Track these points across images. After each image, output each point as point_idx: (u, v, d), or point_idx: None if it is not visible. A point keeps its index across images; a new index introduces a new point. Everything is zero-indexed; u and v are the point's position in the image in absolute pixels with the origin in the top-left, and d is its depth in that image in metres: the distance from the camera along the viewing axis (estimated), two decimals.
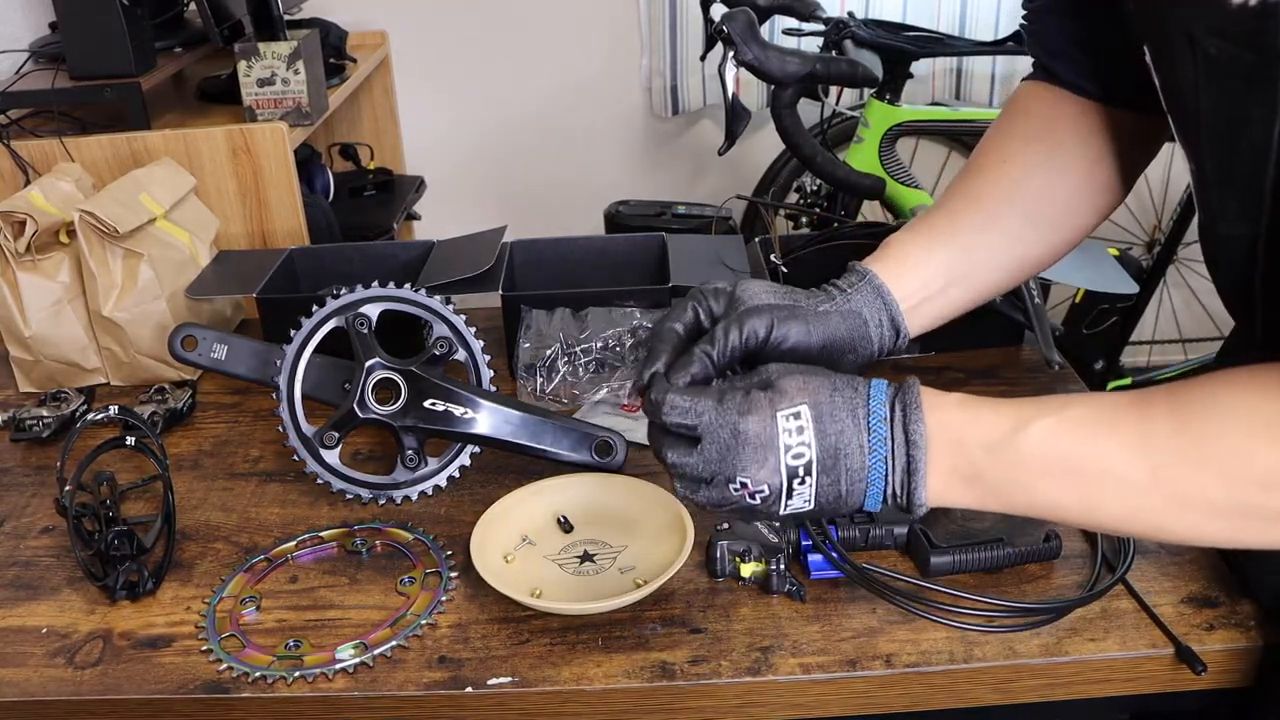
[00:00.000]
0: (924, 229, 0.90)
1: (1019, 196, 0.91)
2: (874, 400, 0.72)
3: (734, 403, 0.73)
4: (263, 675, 0.88)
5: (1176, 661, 0.87)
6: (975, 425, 0.71)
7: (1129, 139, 0.91)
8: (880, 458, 0.71)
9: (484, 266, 1.32)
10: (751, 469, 0.72)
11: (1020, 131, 0.94)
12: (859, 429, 0.71)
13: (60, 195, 1.38)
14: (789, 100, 1.78)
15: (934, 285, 0.89)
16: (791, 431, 0.71)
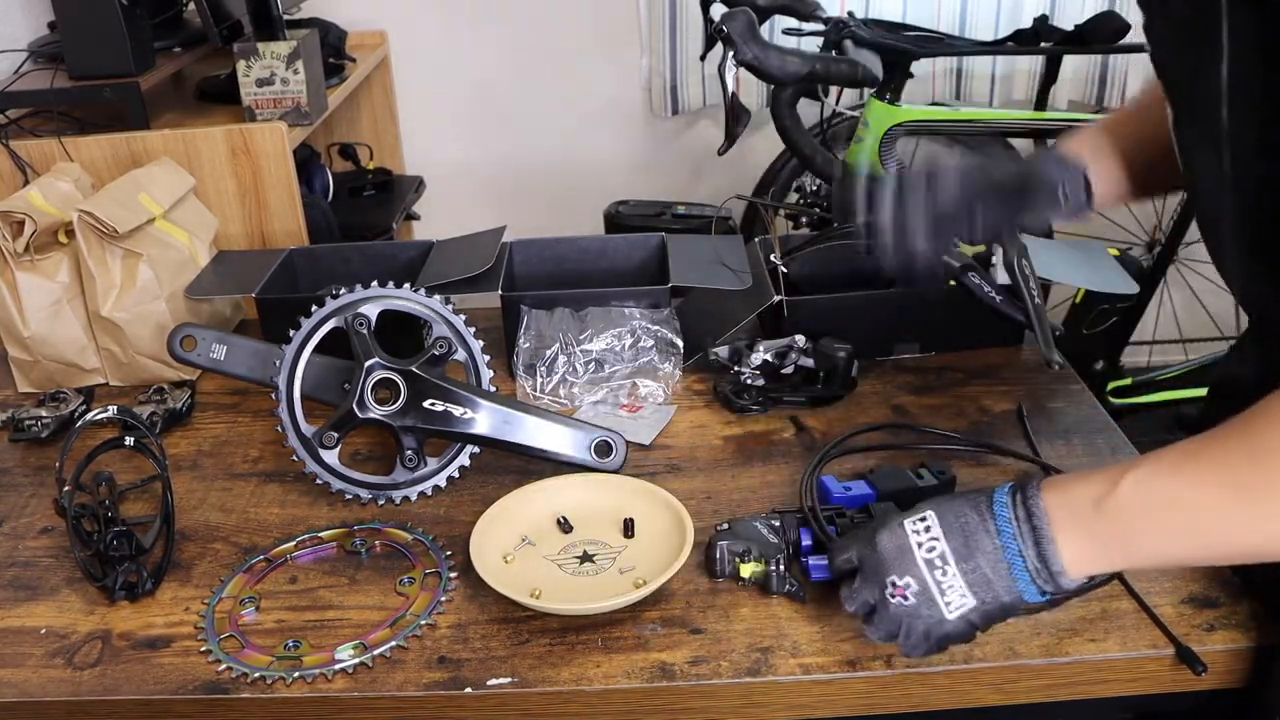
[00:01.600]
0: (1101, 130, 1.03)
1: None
2: (996, 494, 0.79)
3: (870, 529, 0.83)
4: (262, 676, 0.88)
5: (1177, 662, 0.87)
6: (1082, 490, 0.76)
7: None
8: (1010, 536, 0.77)
9: (483, 266, 1.31)
10: (895, 572, 0.79)
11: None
12: (983, 517, 0.78)
13: (59, 195, 1.38)
14: (789, 100, 1.78)
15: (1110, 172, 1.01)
16: (920, 532, 0.79)
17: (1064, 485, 0.77)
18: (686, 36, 2.72)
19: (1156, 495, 0.73)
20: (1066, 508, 0.76)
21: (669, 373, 1.28)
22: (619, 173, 2.91)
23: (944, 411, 1.22)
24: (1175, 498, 0.72)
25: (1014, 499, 0.78)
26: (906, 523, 0.80)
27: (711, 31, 1.77)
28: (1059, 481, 0.78)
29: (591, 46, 2.80)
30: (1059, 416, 1.21)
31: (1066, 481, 0.77)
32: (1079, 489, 0.76)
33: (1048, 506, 0.76)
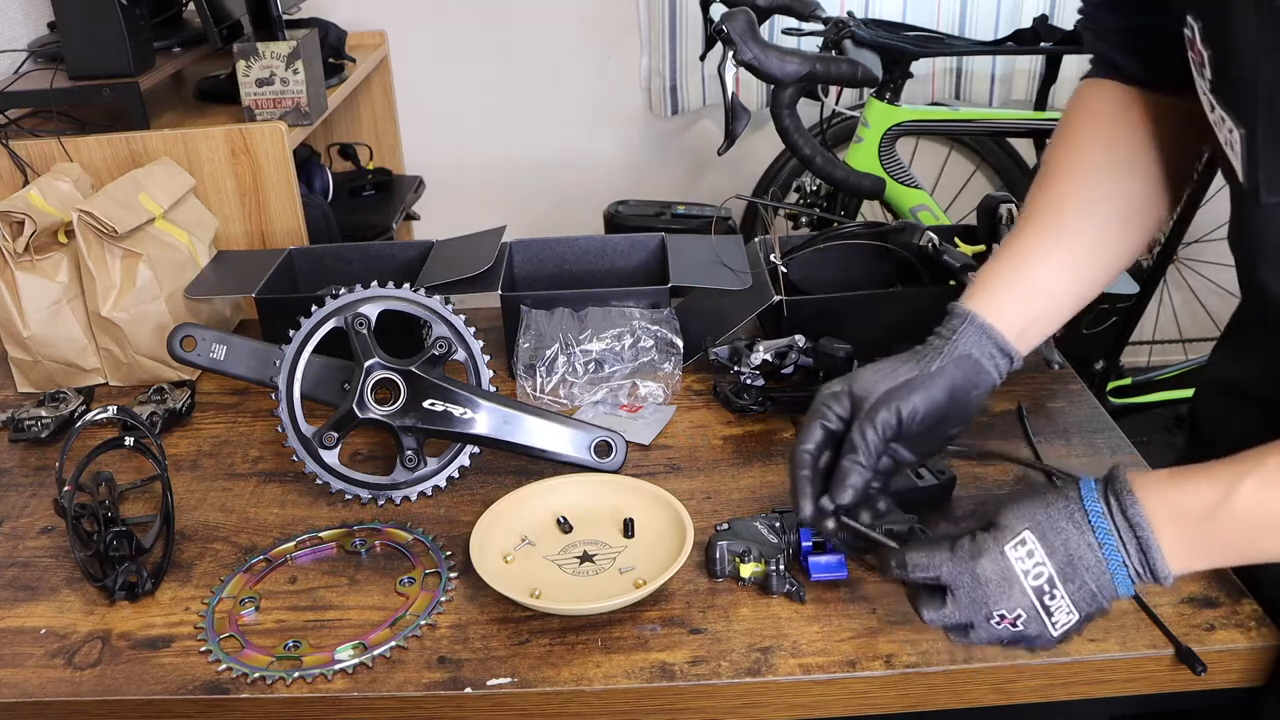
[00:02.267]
0: (1010, 255, 0.92)
1: (1100, 201, 0.92)
2: (1087, 500, 0.76)
3: (964, 551, 0.77)
4: (262, 676, 0.88)
5: (1176, 662, 0.87)
6: (1192, 497, 0.73)
7: (1193, 127, 0.91)
8: (1112, 548, 0.75)
9: (483, 266, 1.31)
10: (1002, 602, 0.76)
11: (1094, 134, 0.94)
12: (1082, 531, 0.75)
13: (59, 195, 1.38)
14: (789, 100, 1.78)
15: (1036, 305, 0.90)
16: (1023, 558, 0.76)
17: (1166, 491, 0.74)
18: (686, 36, 2.72)
19: (1276, 508, 0.71)
20: (1173, 516, 0.73)
21: (669, 373, 1.28)
22: (619, 173, 2.91)
23: None
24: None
25: (1109, 505, 0.75)
26: (1007, 549, 0.76)
27: (711, 31, 1.77)
28: (1157, 485, 0.74)
29: (591, 46, 2.80)
30: (1059, 416, 1.21)
31: (1167, 486, 0.74)
32: (1187, 498, 0.73)
33: (1150, 514, 0.74)
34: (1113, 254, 0.93)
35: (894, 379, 0.86)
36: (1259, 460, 0.72)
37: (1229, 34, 0.73)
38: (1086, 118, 0.95)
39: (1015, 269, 0.90)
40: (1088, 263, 0.92)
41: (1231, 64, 0.74)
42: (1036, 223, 0.92)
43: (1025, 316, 0.89)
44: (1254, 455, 0.72)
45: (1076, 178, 0.92)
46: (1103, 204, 0.92)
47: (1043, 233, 0.92)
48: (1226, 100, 0.76)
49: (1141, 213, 0.93)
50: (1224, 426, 0.96)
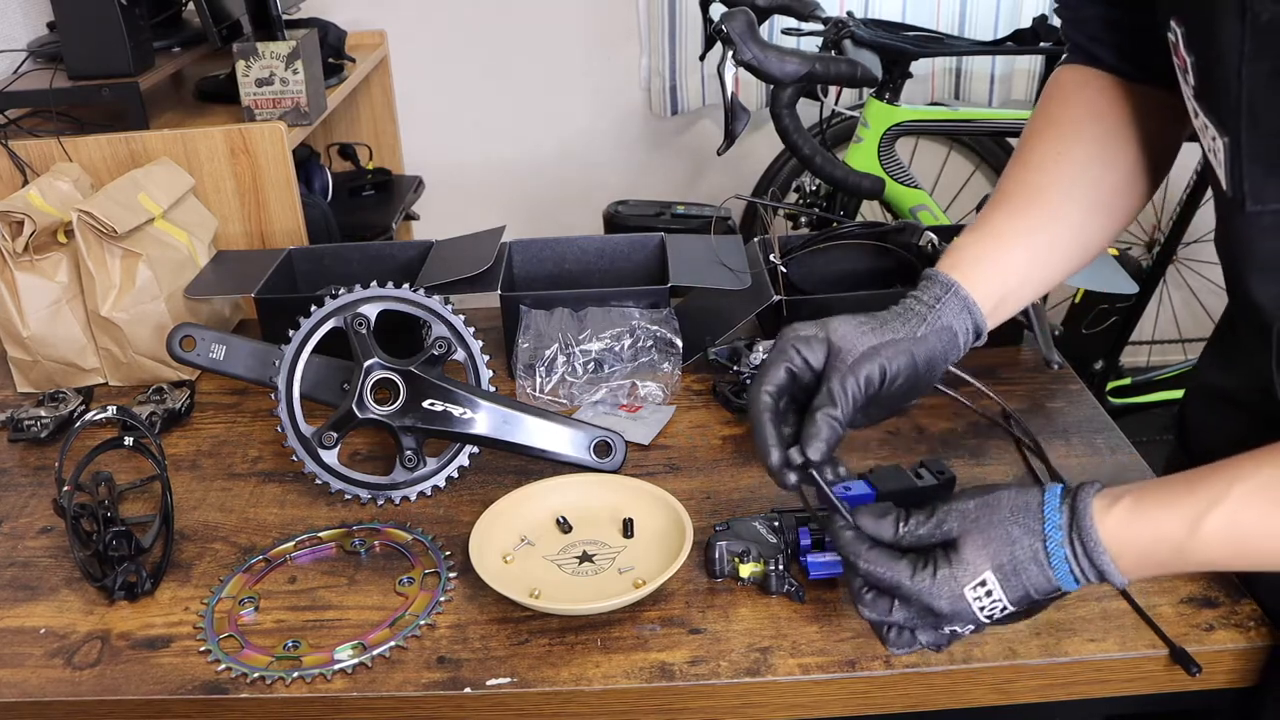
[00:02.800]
0: (991, 231, 0.91)
1: (1079, 187, 0.92)
2: (1051, 541, 0.75)
3: (925, 579, 0.77)
4: (261, 676, 0.88)
5: (1173, 662, 0.87)
6: (1157, 532, 0.73)
7: (1171, 117, 0.92)
8: (1072, 579, 0.75)
9: (483, 266, 1.31)
10: (956, 625, 0.79)
11: (1069, 119, 0.94)
12: (1046, 572, 0.75)
13: (58, 195, 1.38)
14: (788, 100, 1.78)
15: (1009, 284, 0.90)
16: (981, 597, 0.77)
17: (1132, 531, 0.73)
18: (686, 36, 2.72)
19: (1250, 533, 0.71)
20: (1138, 555, 0.73)
21: (668, 373, 1.28)
22: (619, 173, 2.91)
23: (943, 411, 1.22)
24: (1266, 531, 0.71)
25: (1073, 546, 0.74)
26: (967, 591, 0.76)
27: (711, 31, 1.77)
28: (1122, 522, 0.73)
29: (591, 46, 2.80)
30: (1058, 416, 1.21)
31: (1133, 522, 0.73)
32: (1153, 539, 0.73)
33: (1115, 551, 0.73)
34: (1087, 241, 0.94)
35: (878, 335, 0.84)
36: (1225, 488, 0.71)
37: (1211, 40, 0.72)
38: (1063, 104, 0.95)
39: (994, 246, 0.90)
40: (1063, 249, 0.92)
41: (1214, 71, 0.74)
42: (1015, 204, 0.92)
43: (998, 294, 0.89)
44: (1221, 479, 0.72)
45: (1054, 165, 0.92)
46: (1081, 191, 0.92)
47: (1023, 214, 0.91)
48: (1210, 107, 0.75)
49: (1117, 201, 0.93)
50: (1212, 431, 0.96)
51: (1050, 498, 0.76)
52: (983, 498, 0.78)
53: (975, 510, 0.77)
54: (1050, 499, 0.76)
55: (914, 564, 0.78)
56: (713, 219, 2.23)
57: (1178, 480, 0.74)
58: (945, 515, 0.78)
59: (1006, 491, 0.78)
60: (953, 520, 0.78)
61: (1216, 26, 0.71)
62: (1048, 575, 0.75)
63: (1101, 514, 0.74)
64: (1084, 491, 0.75)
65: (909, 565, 0.78)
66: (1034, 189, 0.92)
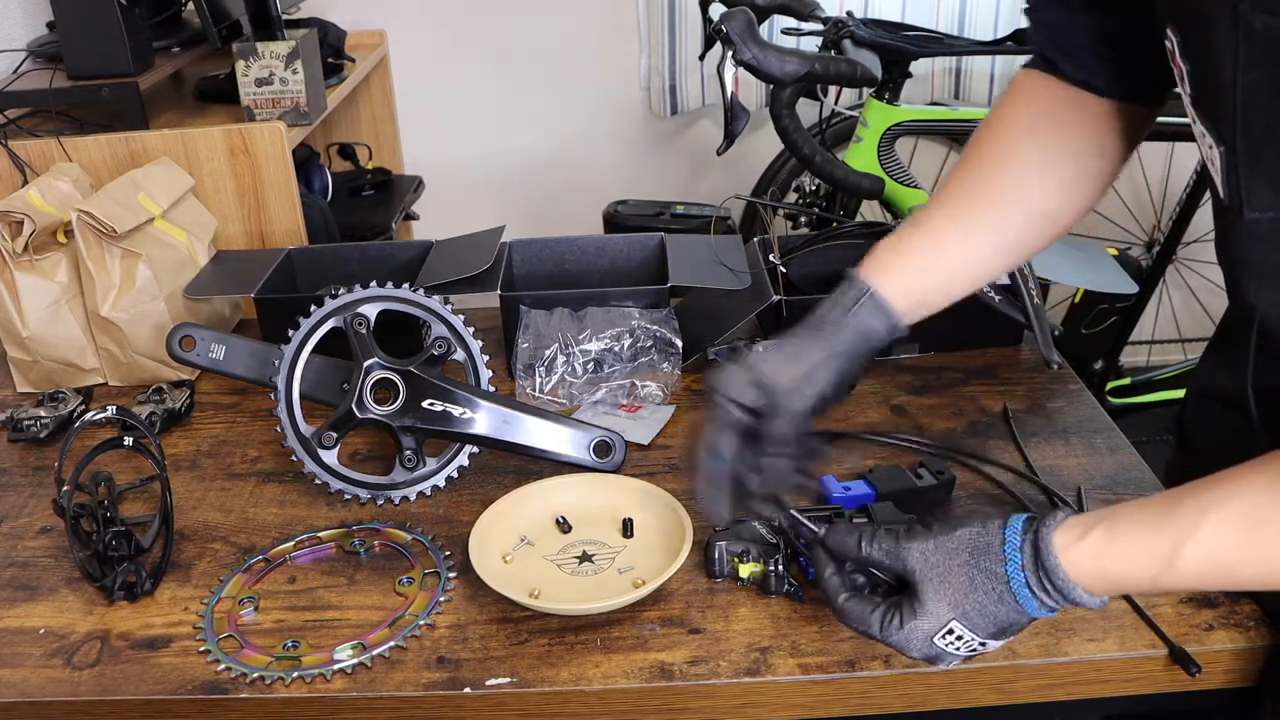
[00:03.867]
0: (926, 233, 0.93)
1: (1018, 194, 0.94)
2: (1015, 582, 0.74)
3: (894, 633, 0.77)
4: (261, 676, 0.88)
5: (1172, 662, 0.87)
6: (1130, 566, 0.72)
7: (1123, 131, 0.93)
8: (1043, 613, 0.75)
9: (482, 266, 1.31)
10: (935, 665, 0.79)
11: (1020, 125, 0.95)
12: (1012, 608, 0.75)
13: (58, 195, 1.38)
14: (788, 100, 1.78)
15: (933, 286, 0.92)
16: (953, 641, 0.77)
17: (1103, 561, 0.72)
18: (685, 36, 2.72)
19: (1226, 563, 0.70)
20: (1111, 583, 0.73)
21: (668, 373, 1.28)
22: (618, 173, 2.91)
23: (943, 411, 1.22)
24: (1244, 559, 0.70)
25: (1041, 585, 0.73)
26: (936, 640, 0.76)
27: (710, 31, 1.77)
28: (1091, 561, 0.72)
29: (591, 46, 2.80)
30: (1058, 416, 1.21)
31: (1104, 554, 0.72)
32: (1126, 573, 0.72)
33: (1086, 583, 0.73)
34: (1022, 244, 0.95)
35: (803, 362, 0.86)
36: (1199, 518, 0.70)
37: (1206, 49, 0.72)
38: (1016, 108, 0.97)
39: (928, 244, 0.92)
40: (990, 258, 0.94)
41: (1209, 79, 0.73)
42: (950, 209, 0.94)
43: (919, 295, 0.91)
44: (1194, 509, 0.71)
45: (996, 170, 0.94)
46: (1021, 196, 0.93)
47: (956, 221, 0.93)
48: (1206, 115, 0.75)
49: (1055, 209, 0.94)
50: (1211, 432, 0.96)
51: (1011, 535, 0.75)
52: (941, 538, 0.77)
53: (935, 554, 0.77)
54: (1011, 537, 0.75)
55: (884, 616, 0.78)
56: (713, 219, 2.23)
57: (1150, 509, 0.73)
58: (906, 550, 0.78)
59: (966, 530, 0.77)
60: (912, 559, 0.77)
61: (1210, 35, 0.71)
62: (1018, 610, 0.75)
63: (1070, 547, 0.73)
64: (1045, 527, 0.74)
65: (880, 618, 0.78)
66: (973, 196, 0.94)
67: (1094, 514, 0.74)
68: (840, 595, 0.80)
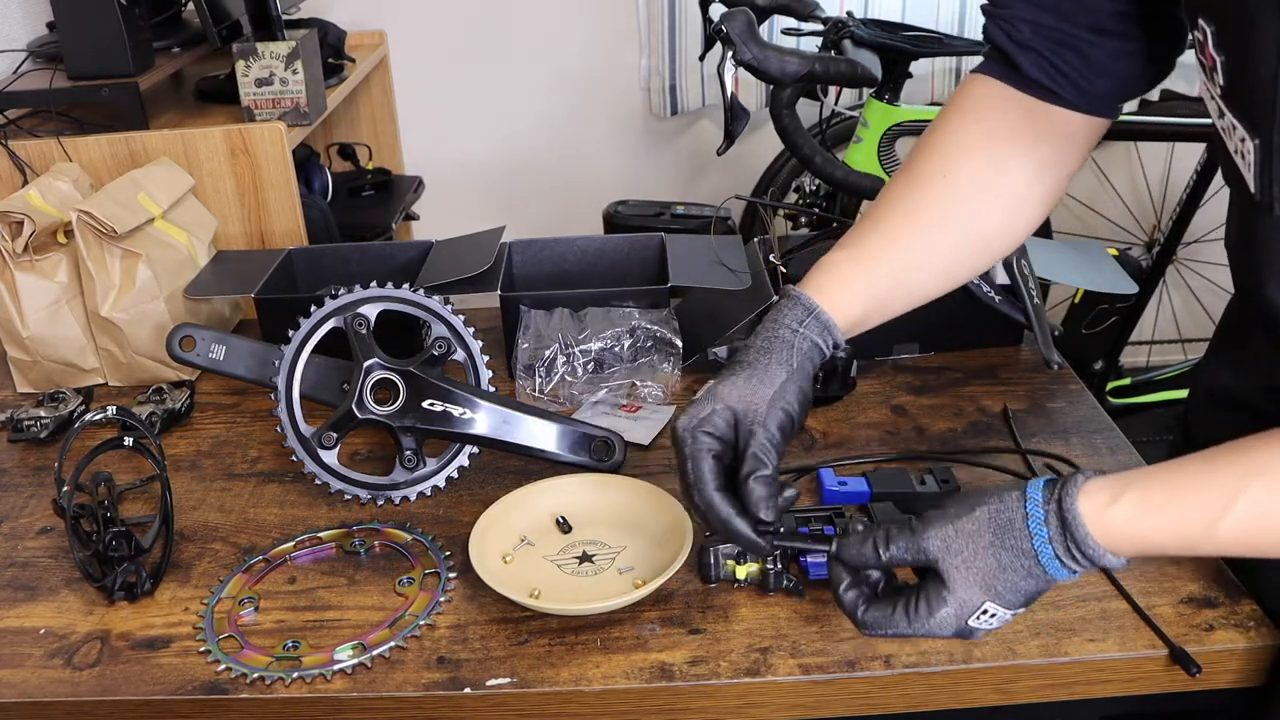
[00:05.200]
0: (862, 252, 0.90)
1: (957, 212, 0.91)
2: (1044, 556, 0.72)
3: (924, 623, 0.75)
4: (261, 676, 0.88)
5: (1173, 662, 0.87)
6: (1167, 533, 0.70)
7: (1074, 142, 0.90)
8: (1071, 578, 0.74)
9: (482, 267, 1.31)
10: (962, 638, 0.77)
11: (965, 137, 0.91)
12: (1041, 579, 0.73)
13: (58, 195, 1.38)
14: (788, 100, 1.77)
15: (870, 306, 0.90)
16: (985, 619, 0.75)
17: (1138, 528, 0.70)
18: (686, 36, 2.72)
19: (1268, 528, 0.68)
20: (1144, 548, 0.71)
21: (668, 373, 1.28)
22: (618, 173, 2.91)
23: (943, 411, 1.22)
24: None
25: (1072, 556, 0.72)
26: (972, 621, 0.75)
27: (710, 31, 1.77)
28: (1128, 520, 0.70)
29: (591, 46, 2.80)
30: (1058, 416, 1.21)
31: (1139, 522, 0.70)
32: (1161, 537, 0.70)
33: (1117, 549, 0.71)
34: (954, 270, 0.93)
35: (767, 384, 0.84)
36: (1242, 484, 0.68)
37: (1247, 40, 0.71)
38: (965, 118, 0.92)
39: (861, 269, 0.90)
40: (928, 274, 0.92)
41: (1246, 71, 0.72)
42: (889, 225, 0.91)
43: (859, 313, 0.89)
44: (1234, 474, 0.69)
45: (937, 188, 0.91)
46: (957, 219, 0.91)
47: (894, 237, 0.91)
48: (1239, 109, 0.74)
49: (994, 233, 0.92)
50: (1217, 432, 0.96)
51: (1033, 509, 0.72)
52: (960, 521, 0.75)
53: (956, 539, 0.74)
54: (1033, 510, 0.72)
55: (909, 611, 0.76)
56: (713, 219, 2.23)
57: (1186, 473, 0.71)
58: (925, 540, 0.75)
59: (984, 506, 0.74)
60: (934, 547, 0.75)
61: (1252, 26, 0.70)
62: (1047, 580, 0.73)
63: (1100, 514, 0.70)
64: (1069, 498, 0.71)
65: (904, 615, 0.76)
66: (910, 210, 0.91)
67: (1120, 477, 0.71)
68: (859, 610, 0.78)
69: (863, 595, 0.78)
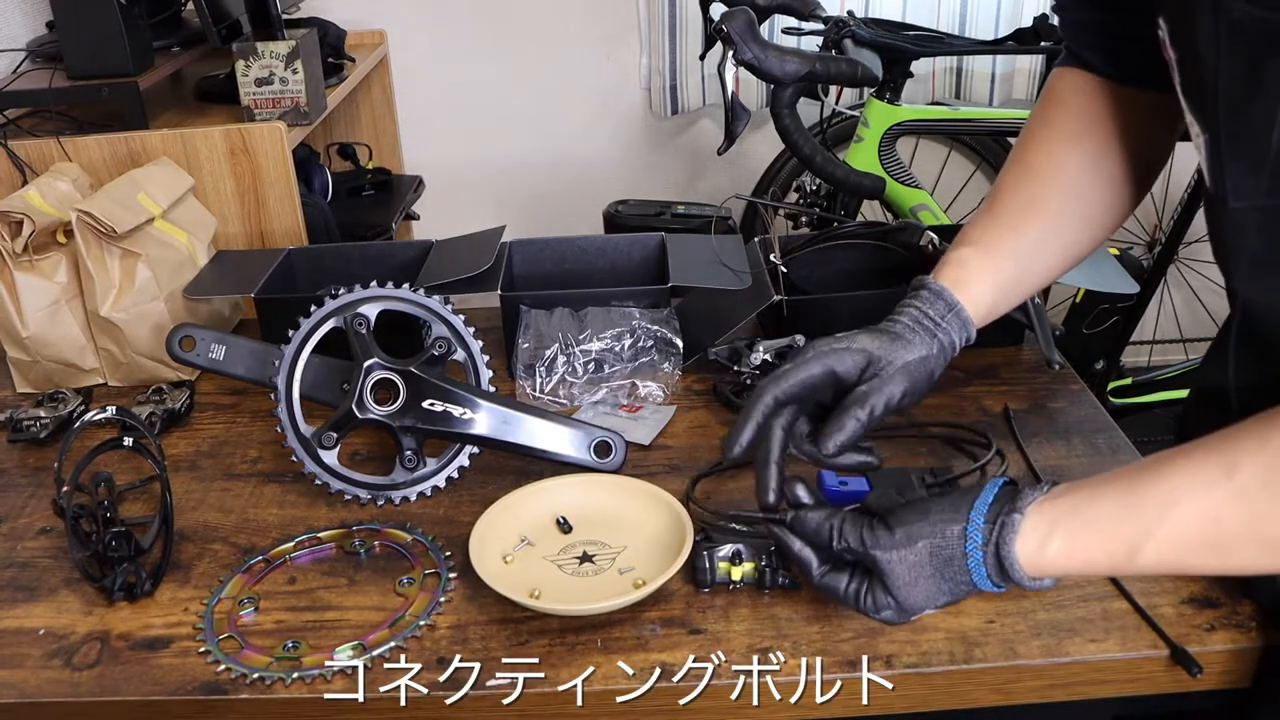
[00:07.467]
0: (989, 244, 0.95)
1: (1074, 200, 0.96)
2: (981, 584, 0.78)
3: (869, 606, 0.82)
4: (261, 677, 0.88)
5: (1173, 663, 0.87)
6: (1092, 566, 0.76)
7: (1162, 120, 0.94)
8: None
9: (483, 266, 1.31)
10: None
11: (1065, 128, 0.97)
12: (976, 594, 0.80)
13: (58, 195, 1.38)
14: (789, 100, 1.77)
15: (998, 297, 0.95)
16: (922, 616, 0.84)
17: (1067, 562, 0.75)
18: (686, 36, 2.72)
19: (1185, 559, 0.73)
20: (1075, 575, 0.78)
21: (669, 373, 1.28)
22: (619, 173, 2.91)
23: (944, 411, 1.22)
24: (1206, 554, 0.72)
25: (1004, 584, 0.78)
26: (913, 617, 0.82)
27: (711, 31, 1.77)
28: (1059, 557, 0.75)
29: (591, 46, 2.80)
30: (1059, 416, 1.21)
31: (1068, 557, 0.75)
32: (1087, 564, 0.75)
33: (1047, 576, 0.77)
34: (1075, 251, 0.98)
35: (910, 351, 0.88)
36: (1160, 515, 0.72)
37: (1190, 38, 0.74)
38: (1058, 110, 0.97)
39: (991, 262, 0.94)
40: (1051, 259, 0.97)
41: (1194, 68, 0.75)
42: (1011, 217, 0.96)
43: (988, 305, 0.94)
44: (1153, 503, 0.72)
45: (1050, 176, 0.95)
46: (1074, 203, 0.95)
47: (1018, 228, 0.95)
48: (1193, 104, 0.77)
49: (1107, 212, 0.97)
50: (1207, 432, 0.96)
51: (972, 550, 0.77)
52: (903, 551, 0.79)
53: (900, 564, 0.79)
54: (972, 551, 0.77)
55: (859, 595, 0.82)
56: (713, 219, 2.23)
57: (1110, 503, 0.74)
58: (873, 554, 0.80)
59: (925, 542, 0.78)
60: (880, 562, 0.80)
61: (1194, 24, 0.72)
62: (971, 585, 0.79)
63: (1033, 556, 0.75)
64: (1006, 545, 0.75)
65: (856, 596, 0.82)
66: (1029, 201, 0.96)
67: (1051, 513, 0.75)
68: (814, 569, 0.84)
69: (819, 557, 0.84)
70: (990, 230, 0.95)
